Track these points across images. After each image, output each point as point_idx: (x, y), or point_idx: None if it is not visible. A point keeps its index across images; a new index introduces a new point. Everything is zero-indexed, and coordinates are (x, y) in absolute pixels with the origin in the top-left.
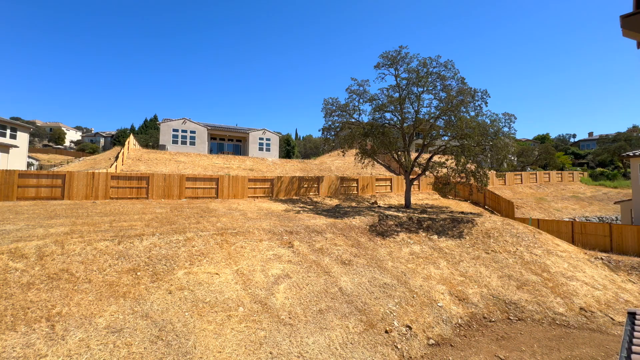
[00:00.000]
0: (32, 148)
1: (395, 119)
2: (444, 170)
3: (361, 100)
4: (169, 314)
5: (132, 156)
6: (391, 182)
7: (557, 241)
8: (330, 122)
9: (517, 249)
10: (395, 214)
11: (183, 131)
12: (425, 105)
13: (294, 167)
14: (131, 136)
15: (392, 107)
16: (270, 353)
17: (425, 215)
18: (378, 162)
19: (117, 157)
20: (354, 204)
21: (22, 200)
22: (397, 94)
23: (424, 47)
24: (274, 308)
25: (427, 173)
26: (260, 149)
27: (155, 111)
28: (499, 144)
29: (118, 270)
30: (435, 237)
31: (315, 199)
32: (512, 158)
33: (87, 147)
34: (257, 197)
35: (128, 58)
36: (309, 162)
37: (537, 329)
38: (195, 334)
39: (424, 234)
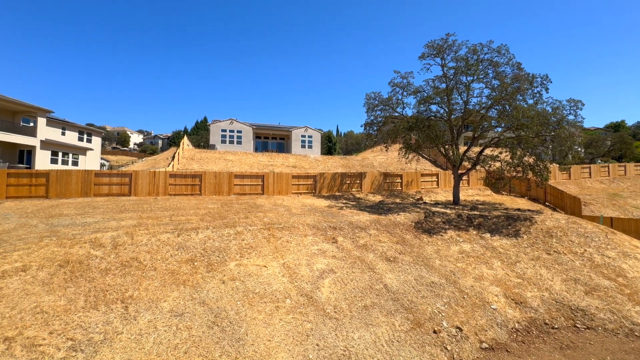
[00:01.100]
0: (103, 150)
1: (442, 111)
2: (497, 164)
3: (405, 93)
4: (223, 302)
5: (186, 156)
6: (438, 178)
7: (635, 242)
8: (372, 117)
9: (586, 250)
10: (443, 210)
11: (230, 131)
12: (475, 95)
13: (336, 164)
14: (185, 137)
15: (439, 99)
16: (317, 345)
17: (476, 212)
18: (423, 156)
19: (173, 157)
20: (398, 200)
21: (98, 197)
22: (443, 85)
23: (475, 35)
24: (319, 302)
25: (477, 167)
26: (303, 146)
27: (205, 113)
28: (563, 134)
29: (178, 260)
30: (488, 235)
31: (357, 195)
32: (579, 149)
33: (147, 148)
34: (301, 193)
35: (181, 64)
36: (351, 158)
37: (611, 339)
38: (247, 322)
39: (474, 232)
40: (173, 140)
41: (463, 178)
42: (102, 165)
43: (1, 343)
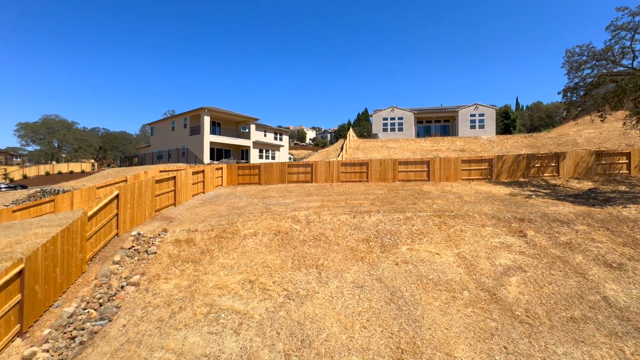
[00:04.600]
0: (288, 146)
1: None
2: None
3: (636, 37)
4: (397, 282)
5: (352, 146)
6: None
7: None
8: (577, 79)
9: None
10: None
11: (392, 119)
12: None
13: (517, 144)
14: (350, 129)
15: None
16: (505, 348)
17: None
18: None
19: (341, 148)
20: (622, 188)
21: (290, 183)
22: None
23: None
24: (505, 301)
25: None
26: (472, 127)
27: (365, 105)
28: None
29: (355, 238)
30: None
31: (552, 181)
32: None
33: (319, 142)
34: (472, 179)
35: (340, 60)
36: (539, 136)
37: None
38: (422, 306)
39: None
40: (339, 133)
41: None
42: (289, 158)
43: (247, 284)
